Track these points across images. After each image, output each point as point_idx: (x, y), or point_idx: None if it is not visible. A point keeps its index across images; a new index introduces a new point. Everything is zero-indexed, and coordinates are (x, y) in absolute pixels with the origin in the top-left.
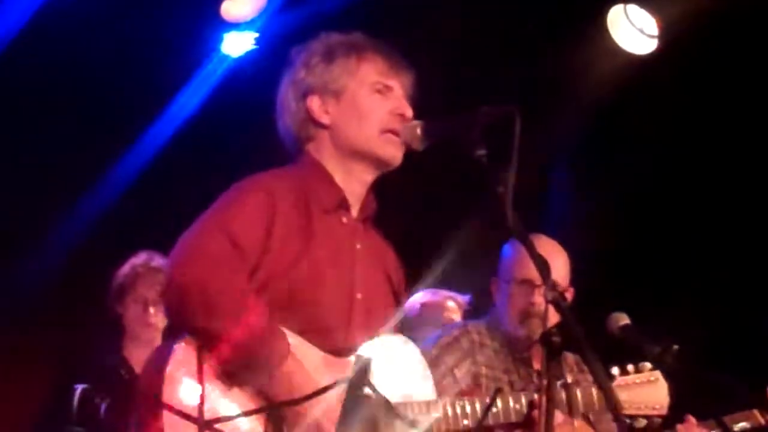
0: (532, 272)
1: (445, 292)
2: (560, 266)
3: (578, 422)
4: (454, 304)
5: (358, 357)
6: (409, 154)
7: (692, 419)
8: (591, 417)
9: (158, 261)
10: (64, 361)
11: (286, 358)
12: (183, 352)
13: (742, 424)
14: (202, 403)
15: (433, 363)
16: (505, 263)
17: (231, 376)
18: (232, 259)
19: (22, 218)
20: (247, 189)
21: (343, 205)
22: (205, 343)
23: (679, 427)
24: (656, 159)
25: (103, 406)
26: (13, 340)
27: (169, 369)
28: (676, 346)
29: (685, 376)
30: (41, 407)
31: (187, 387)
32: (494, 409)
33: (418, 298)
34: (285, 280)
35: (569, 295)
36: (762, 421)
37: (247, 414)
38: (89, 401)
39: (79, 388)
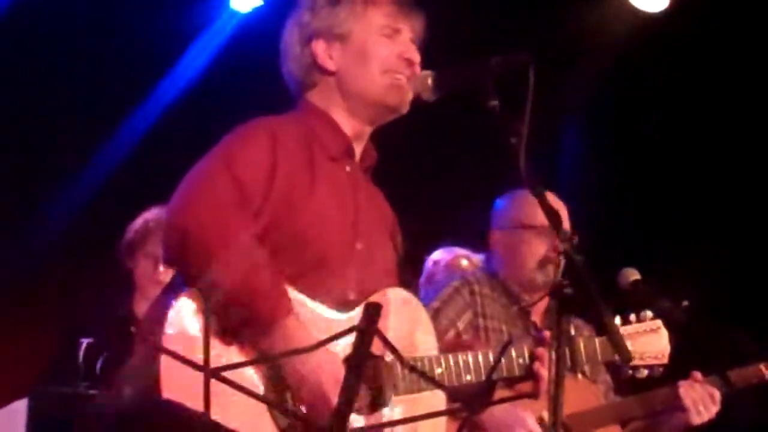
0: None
1: (459, 251)
2: (566, 218)
3: (581, 377)
4: (467, 263)
5: (367, 305)
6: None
7: (698, 375)
8: (587, 370)
9: None
10: (71, 315)
11: (287, 315)
12: (184, 304)
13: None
14: (207, 351)
15: (434, 316)
16: (513, 211)
17: (229, 331)
18: (235, 202)
19: (35, 171)
20: (249, 130)
21: (349, 152)
22: (203, 291)
23: (681, 383)
24: (668, 117)
25: (100, 361)
26: (21, 294)
27: (169, 321)
28: (686, 303)
29: (695, 333)
30: (47, 362)
31: (186, 339)
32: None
33: (434, 256)
34: (287, 225)
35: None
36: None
37: (249, 363)
38: (95, 356)
39: (85, 342)
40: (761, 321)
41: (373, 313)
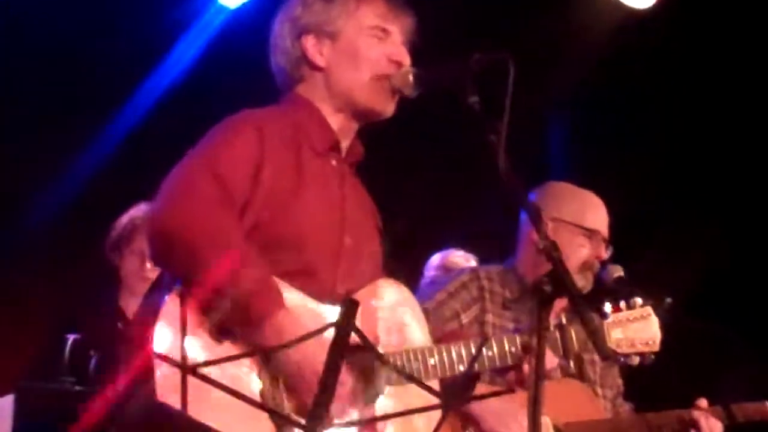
0: (604, 224)
1: (453, 252)
2: (607, 224)
3: (580, 384)
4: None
5: (345, 300)
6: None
7: (704, 402)
8: (597, 370)
9: None
10: (57, 311)
11: (278, 310)
12: (173, 304)
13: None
14: (183, 348)
15: (438, 307)
16: (571, 207)
17: (221, 328)
18: (219, 201)
19: (20, 168)
20: (235, 125)
21: (336, 148)
22: (192, 290)
23: (696, 411)
24: (655, 113)
25: (93, 360)
26: (7, 290)
27: (160, 321)
28: (669, 299)
29: (678, 329)
30: (33, 357)
31: (177, 338)
32: (489, 353)
33: (434, 262)
34: (274, 221)
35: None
36: None
37: (232, 359)
38: (81, 352)
39: (71, 338)
40: (747, 317)
41: (351, 309)
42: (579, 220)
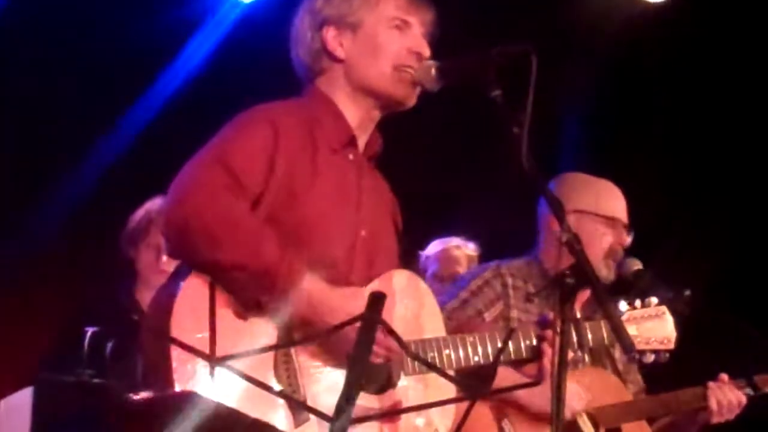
0: (623, 211)
1: (451, 240)
2: (625, 211)
3: (612, 377)
4: (459, 252)
5: (372, 293)
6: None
7: (725, 377)
8: (620, 367)
9: None
10: (75, 304)
11: (303, 276)
12: (191, 289)
13: None
14: (213, 340)
15: (461, 306)
16: (591, 198)
17: (246, 306)
18: (230, 190)
19: (37, 161)
20: (249, 120)
21: (352, 142)
22: (214, 276)
23: (710, 384)
24: (669, 107)
25: (108, 347)
26: (26, 283)
27: (176, 307)
28: (688, 292)
29: (697, 322)
30: (52, 350)
31: (196, 324)
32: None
33: (428, 250)
34: (287, 215)
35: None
36: None
37: (260, 351)
38: (100, 344)
39: (90, 330)
40: (764, 309)
41: (377, 302)
42: (599, 209)
